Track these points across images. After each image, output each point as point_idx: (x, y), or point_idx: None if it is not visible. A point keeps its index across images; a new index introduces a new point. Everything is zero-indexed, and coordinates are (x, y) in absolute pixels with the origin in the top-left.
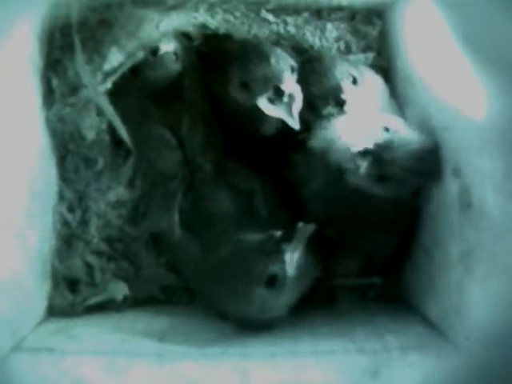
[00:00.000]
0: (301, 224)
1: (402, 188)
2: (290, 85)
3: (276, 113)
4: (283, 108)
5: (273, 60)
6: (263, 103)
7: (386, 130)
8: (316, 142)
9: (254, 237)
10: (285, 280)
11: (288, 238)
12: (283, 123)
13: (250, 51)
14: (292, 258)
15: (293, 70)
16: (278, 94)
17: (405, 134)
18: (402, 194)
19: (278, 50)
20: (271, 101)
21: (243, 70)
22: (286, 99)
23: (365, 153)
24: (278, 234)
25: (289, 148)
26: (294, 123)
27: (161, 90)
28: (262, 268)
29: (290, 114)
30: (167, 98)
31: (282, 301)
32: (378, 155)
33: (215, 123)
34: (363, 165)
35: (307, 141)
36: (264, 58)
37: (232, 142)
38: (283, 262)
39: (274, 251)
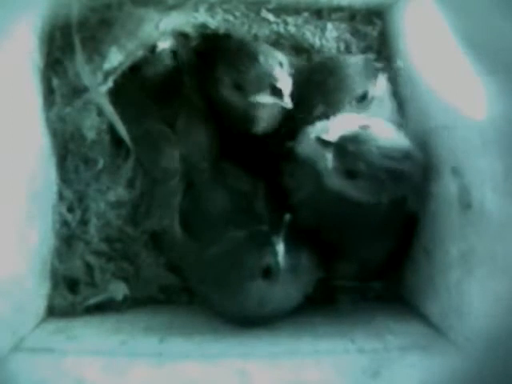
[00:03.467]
0: (287, 215)
1: (376, 190)
2: (284, 80)
3: (269, 100)
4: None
5: (261, 58)
6: (258, 98)
7: (362, 127)
8: (300, 148)
9: (242, 233)
10: (278, 270)
11: (275, 230)
12: (273, 123)
13: (237, 51)
14: (280, 249)
15: (281, 64)
16: (275, 94)
17: (381, 133)
18: (380, 199)
19: (264, 46)
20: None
21: (234, 70)
22: (286, 99)
23: (327, 143)
24: (265, 227)
25: (280, 156)
26: (287, 104)
27: (158, 86)
28: (255, 261)
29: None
30: (165, 95)
31: (279, 293)
32: (340, 146)
33: (212, 122)
34: (329, 157)
35: (294, 148)
36: (252, 57)
37: (226, 141)
38: (275, 253)
39: (265, 244)
